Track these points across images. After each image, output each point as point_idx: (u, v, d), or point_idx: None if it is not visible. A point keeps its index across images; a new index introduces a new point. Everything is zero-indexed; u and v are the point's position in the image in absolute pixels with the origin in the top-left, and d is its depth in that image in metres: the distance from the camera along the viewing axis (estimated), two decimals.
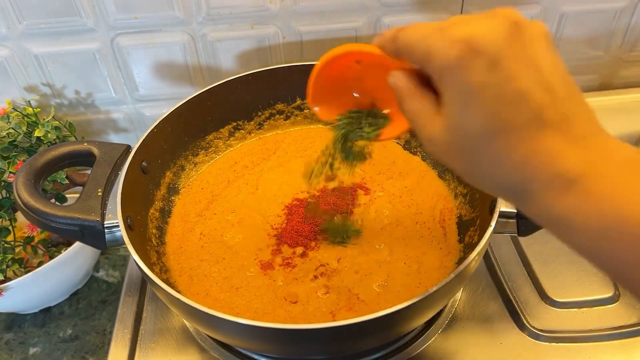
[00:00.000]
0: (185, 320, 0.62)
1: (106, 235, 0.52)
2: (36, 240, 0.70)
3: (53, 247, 0.71)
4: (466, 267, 0.46)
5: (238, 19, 0.73)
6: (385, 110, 0.47)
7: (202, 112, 0.69)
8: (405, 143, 0.73)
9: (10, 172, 0.64)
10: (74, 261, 0.67)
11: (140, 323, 0.62)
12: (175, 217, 0.65)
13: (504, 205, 0.50)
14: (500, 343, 0.58)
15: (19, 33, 0.71)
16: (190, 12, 0.71)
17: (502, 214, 0.50)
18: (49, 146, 0.60)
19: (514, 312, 0.61)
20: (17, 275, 0.64)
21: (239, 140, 0.75)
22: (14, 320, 0.70)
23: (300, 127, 0.76)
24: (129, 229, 0.53)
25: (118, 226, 0.51)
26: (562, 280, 0.63)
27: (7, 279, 0.62)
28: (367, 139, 0.48)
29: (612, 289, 0.62)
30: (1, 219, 0.66)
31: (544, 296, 0.62)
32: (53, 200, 0.67)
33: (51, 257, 0.66)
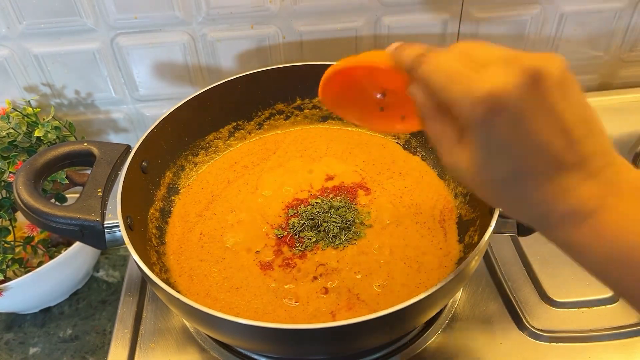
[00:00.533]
0: (185, 320, 0.62)
1: (106, 235, 0.52)
2: (36, 240, 0.70)
3: (53, 247, 0.71)
4: (466, 267, 0.46)
5: (238, 19, 0.73)
6: (398, 112, 0.48)
7: (202, 112, 0.69)
8: (406, 143, 0.73)
9: (10, 172, 0.64)
10: (74, 261, 0.67)
11: (140, 323, 0.62)
12: (175, 217, 0.65)
13: None
14: (500, 343, 0.58)
15: (19, 33, 0.71)
16: (190, 12, 0.71)
17: (502, 214, 0.50)
18: (49, 146, 0.60)
19: (514, 312, 0.61)
20: (17, 275, 0.64)
21: (239, 140, 0.75)
22: (14, 320, 0.70)
23: (300, 127, 0.76)
24: (129, 229, 0.53)
25: (118, 226, 0.51)
26: (562, 280, 0.63)
27: (7, 279, 0.62)
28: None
29: None
30: (1, 219, 0.66)
31: (544, 296, 0.62)
32: (53, 200, 0.67)
33: (51, 257, 0.66)
